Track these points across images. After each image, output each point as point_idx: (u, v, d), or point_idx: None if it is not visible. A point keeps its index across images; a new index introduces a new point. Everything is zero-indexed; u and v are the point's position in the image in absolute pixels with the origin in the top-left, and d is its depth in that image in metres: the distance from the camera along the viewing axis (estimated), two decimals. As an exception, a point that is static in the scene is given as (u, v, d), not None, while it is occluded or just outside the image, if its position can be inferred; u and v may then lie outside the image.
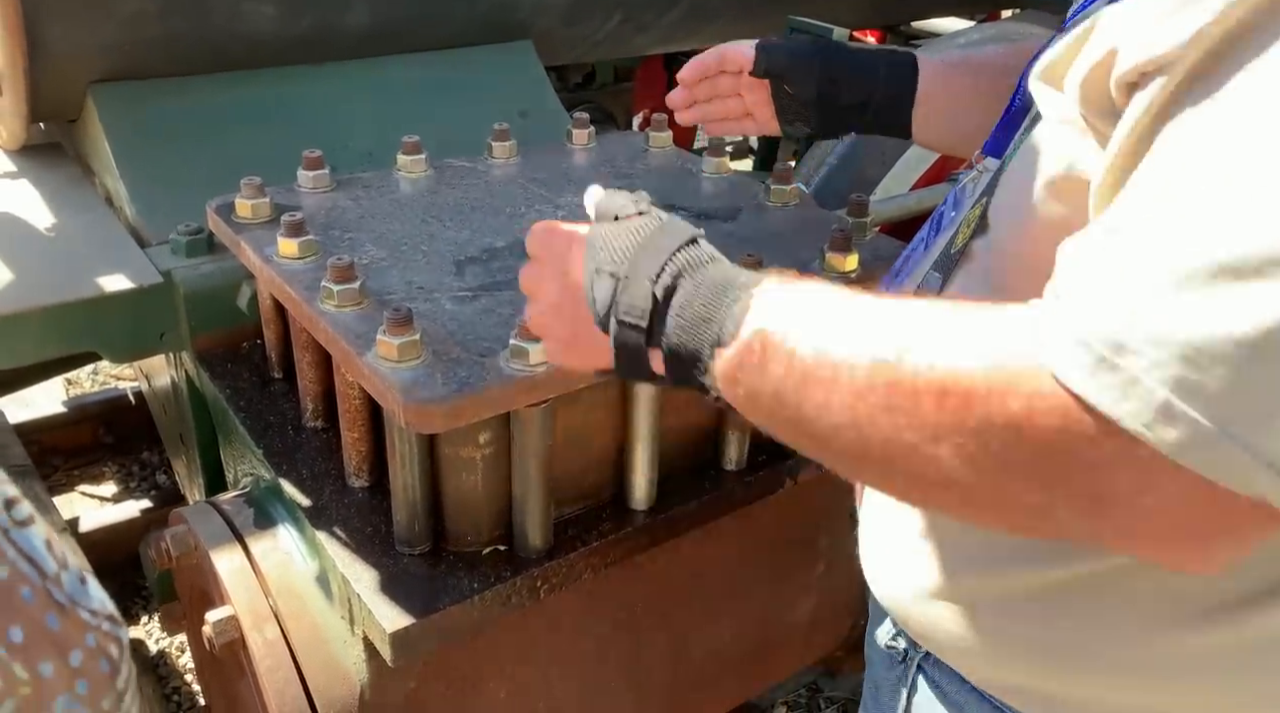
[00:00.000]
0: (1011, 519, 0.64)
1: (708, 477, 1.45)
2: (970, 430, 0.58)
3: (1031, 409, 0.56)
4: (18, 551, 0.48)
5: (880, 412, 0.62)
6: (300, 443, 1.46)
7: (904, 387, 0.61)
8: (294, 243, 1.33)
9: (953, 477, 0.60)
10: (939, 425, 0.60)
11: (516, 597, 1.25)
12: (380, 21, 1.98)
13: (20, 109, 1.73)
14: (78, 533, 2.49)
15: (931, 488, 0.64)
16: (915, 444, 0.61)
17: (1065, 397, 0.55)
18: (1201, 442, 0.52)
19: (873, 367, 0.63)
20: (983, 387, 0.58)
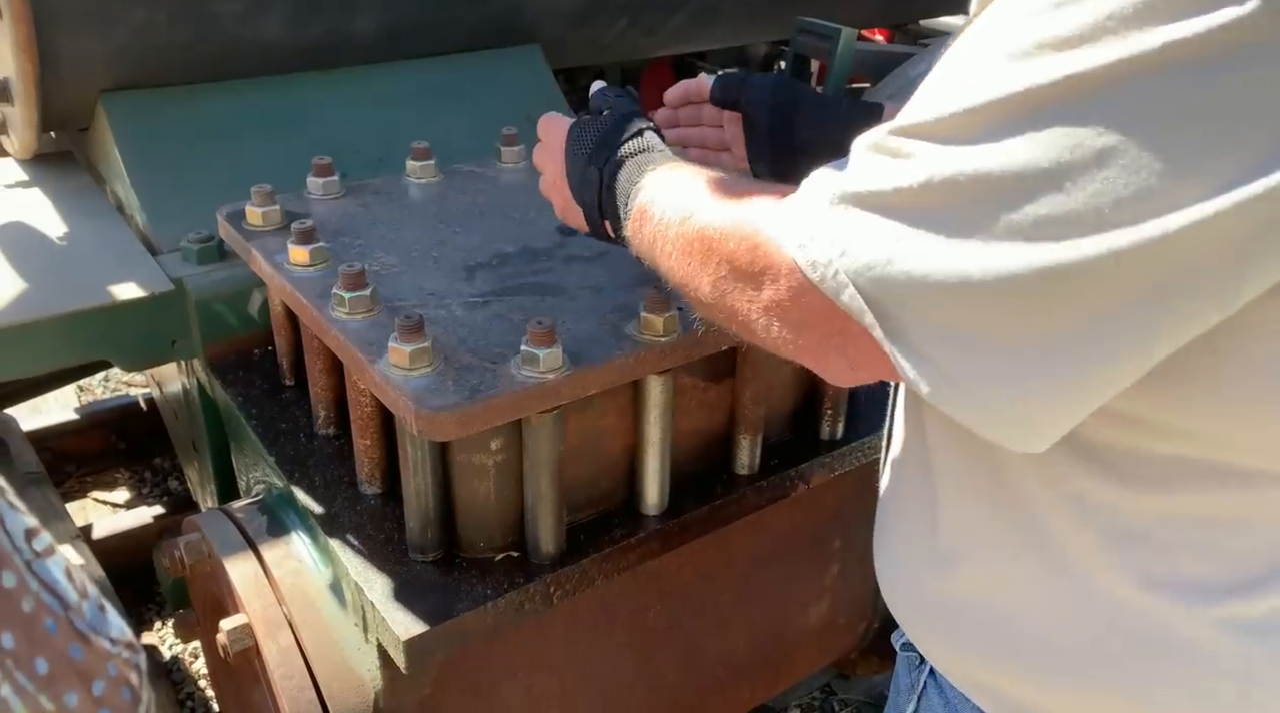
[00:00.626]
0: (738, 327, 0.84)
1: (720, 481, 1.44)
2: (712, 264, 0.83)
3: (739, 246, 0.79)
4: (40, 582, 0.49)
5: (681, 256, 0.89)
6: (312, 450, 1.46)
7: (686, 237, 0.88)
8: (305, 251, 1.33)
9: (705, 300, 0.86)
10: (702, 263, 0.85)
11: (530, 603, 1.25)
12: (388, 28, 1.98)
13: (31, 118, 1.74)
14: (90, 540, 2.50)
15: (702, 310, 0.89)
16: (691, 276, 0.87)
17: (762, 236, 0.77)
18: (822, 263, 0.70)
19: (679, 225, 0.90)
20: (721, 233, 0.82)
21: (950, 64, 0.68)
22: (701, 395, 1.39)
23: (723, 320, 0.86)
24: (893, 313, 0.68)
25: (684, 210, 0.89)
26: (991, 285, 0.62)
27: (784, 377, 1.48)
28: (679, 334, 1.24)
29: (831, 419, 1.53)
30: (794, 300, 0.74)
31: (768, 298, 0.76)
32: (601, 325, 1.26)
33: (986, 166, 0.61)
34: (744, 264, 0.78)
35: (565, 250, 1.46)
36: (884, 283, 0.67)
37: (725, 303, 0.82)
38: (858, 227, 0.69)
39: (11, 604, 0.47)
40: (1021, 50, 0.60)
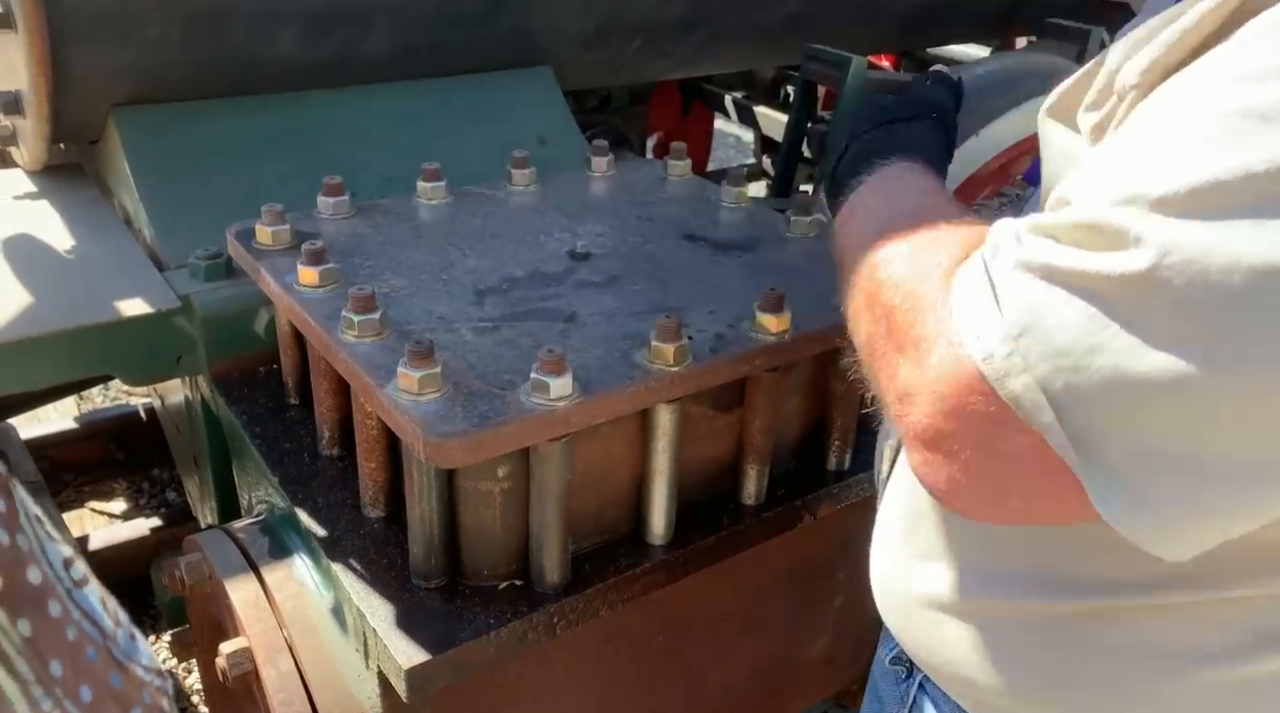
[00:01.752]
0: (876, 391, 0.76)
1: (726, 511, 1.43)
2: (874, 313, 0.74)
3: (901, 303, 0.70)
4: (80, 611, 0.51)
5: (850, 283, 0.82)
6: (316, 471, 1.45)
7: (861, 270, 0.79)
8: (314, 271, 1.33)
9: (861, 344, 0.78)
10: (864, 306, 0.77)
11: (533, 633, 1.24)
12: (401, 47, 1.99)
13: (42, 131, 1.74)
14: (87, 551, 2.48)
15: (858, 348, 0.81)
16: (854, 315, 0.80)
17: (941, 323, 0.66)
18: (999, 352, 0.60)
19: (859, 251, 0.81)
20: (890, 283, 0.73)
21: (1153, 129, 0.60)
22: (710, 425, 1.38)
23: (870, 373, 0.76)
24: (1083, 413, 0.58)
25: (868, 239, 0.80)
26: (1222, 388, 0.54)
27: (792, 407, 1.47)
28: (689, 363, 1.23)
29: (839, 450, 1.52)
30: (943, 388, 0.63)
31: (910, 374, 0.65)
32: (611, 353, 1.25)
33: (1248, 247, 0.53)
34: (899, 327, 0.68)
35: (575, 275, 1.45)
36: (1077, 374, 0.57)
37: (872, 360, 0.73)
38: (1048, 305, 0.58)
39: (58, 633, 0.49)
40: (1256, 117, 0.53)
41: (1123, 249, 0.56)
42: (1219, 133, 0.54)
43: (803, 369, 1.45)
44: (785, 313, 1.30)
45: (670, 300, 1.39)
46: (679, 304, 1.37)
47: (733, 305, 1.36)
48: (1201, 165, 0.54)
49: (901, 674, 1.03)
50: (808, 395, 1.48)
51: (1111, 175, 0.59)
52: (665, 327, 1.22)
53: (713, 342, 1.28)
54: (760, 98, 3.80)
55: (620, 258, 1.51)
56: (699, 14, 2.35)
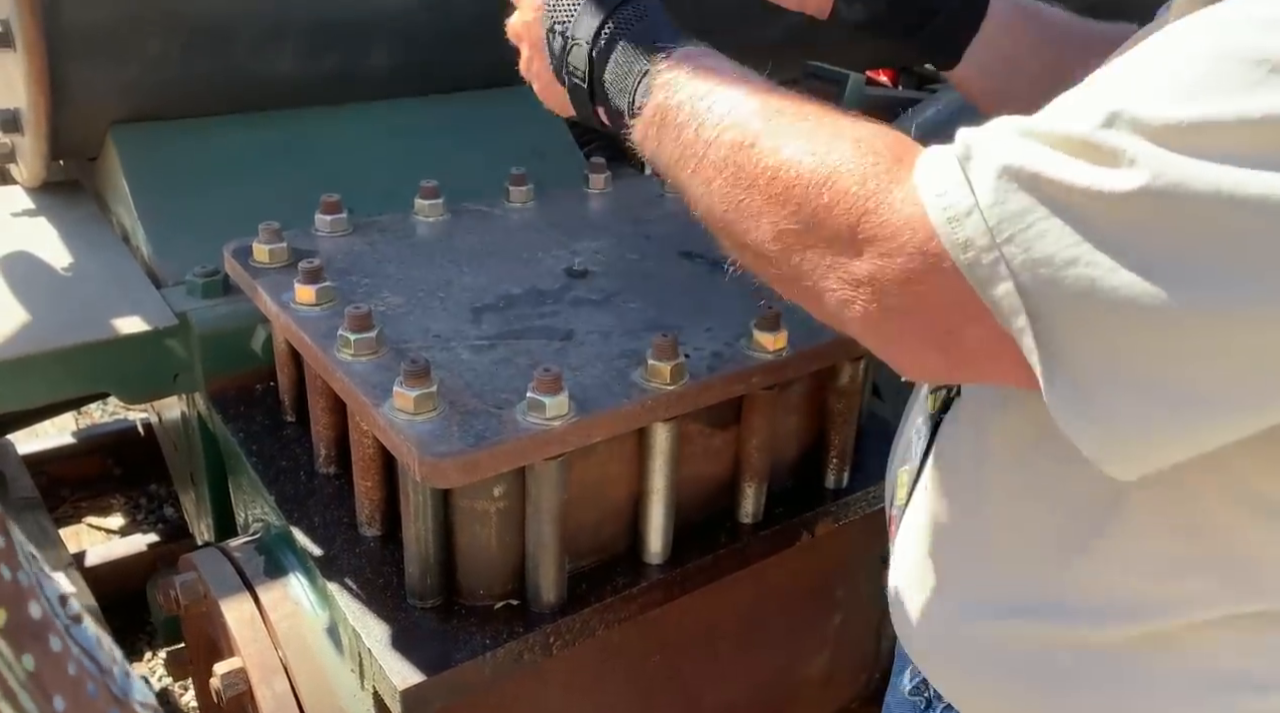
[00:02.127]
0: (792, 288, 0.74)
1: (723, 530, 1.43)
2: (785, 211, 0.70)
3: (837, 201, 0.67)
4: (80, 647, 0.51)
5: (729, 186, 0.75)
6: (312, 489, 1.45)
7: (744, 166, 0.73)
8: (311, 290, 1.33)
9: (758, 247, 0.74)
10: (766, 204, 0.72)
11: (529, 653, 1.23)
12: (400, 64, 1.99)
13: (41, 148, 1.74)
14: (84, 567, 2.47)
15: (748, 254, 0.77)
16: (743, 215, 0.74)
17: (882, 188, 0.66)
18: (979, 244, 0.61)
19: (731, 146, 0.75)
20: (804, 179, 0.69)
21: (1160, 59, 0.60)
22: (706, 443, 1.37)
23: (777, 276, 0.75)
24: (1054, 322, 0.60)
25: (740, 127, 0.75)
26: (1192, 321, 0.56)
27: (790, 425, 1.47)
28: (686, 381, 1.23)
29: (837, 468, 1.52)
30: (911, 280, 0.64)
31: (867, 269, 0.65)
32: (608, 371, 1.25)
33: (1236, 192, 0.54)
34: (841, 224, 0.66)
35: (572, 292, 1.45)
36: (1055, 285, 0.59)
37: (791, 260, 0.71)
38: (1035, 214, 0.59)
39: (60, 668, 0.49)
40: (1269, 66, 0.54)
41: (1114, 168, 0.57)
42: (1228, 74, 0.55)
43: (800, 387, 1.44)
44: (782, 331, 1.29)
45: (667, 318, 1.39)
46: (676, 322, 1.37)
47: (730, 323, 1.36)
48: (1206, 103, 0.55)
49: (920, 705, 1.01)
50: (805, 413, 1.48)
51: (1114, 94, 0.60)
52: (662, 345, 1.22)
53: (710, 360, 1.28)
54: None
55: (618, 275, 1.51)
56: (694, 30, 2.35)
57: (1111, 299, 0.58)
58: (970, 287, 0.62)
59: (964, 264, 0.62)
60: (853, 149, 0.69)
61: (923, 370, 0.72)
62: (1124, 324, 0.58)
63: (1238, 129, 0.55)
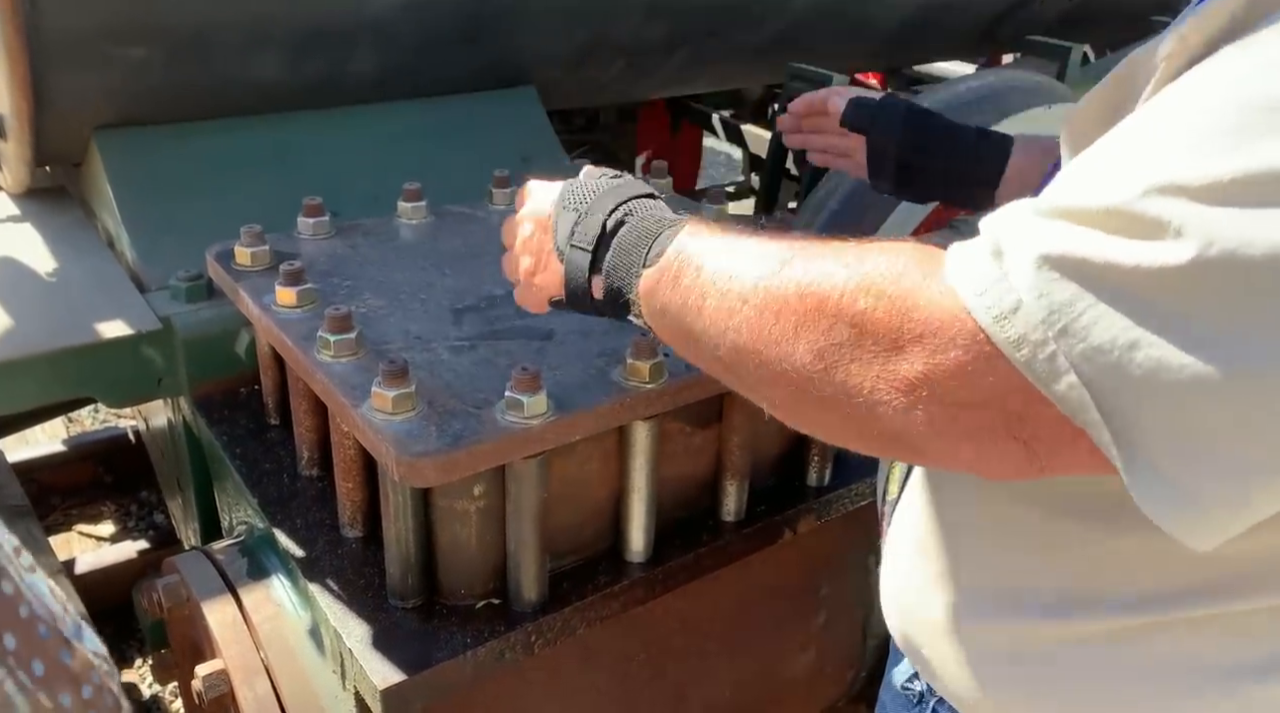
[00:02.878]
0: (843, 412, 0.69)
1: (705, 528, 1.43)
2: (820, 327, 0.68)
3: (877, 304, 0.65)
4: (33, 593, 0.53)
5: (754, 313, 0.72)
6: (295, 491, 1.45)
7: (771, 292, 0.71)
8: (292, 292, 1.33)
9: (798, 370, 0.69)
10: (800, 325, 0.69)
11: (510, 652, 1.24)
12: (384, 68, 2.00)
13: (25, 154, 1.74)
14: (74, 575, 2.47)
15: (784, 389, 0.72)
16: (775, 341, 0.70)
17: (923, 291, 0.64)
18: (1032, 341, 0.59)
19: (756, 277, 0.73)
20: (839, 289, 0.67)
21: (1180, 117, 0.58)
22: (688, 441, 1.38)
23: (821, 403, 0.70)
24: (1124, 410, 0.58)
25: (764, 258, 0.73)
26: (1261, 388, 0.55)
27: (771, 423, 1.47)
28: (665, 380, 1.23)
29: (819, 466, 1.52)
30: (969, 372, 0.61)
31: (920, 369, 0.63)
32: (587, 370, 1.25)
33: None
34: (884, 327, 0.64)
35: (554, 294, 1.45)
36: (1119, 373, 0.57)
37: (835, 378, 0.67)
38: (1084, 302, 0.57)
39: (11, 609, 0.51)
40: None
41: (1159, 239, 0.55)
42: (1261, 124, 0.54)
43: (781, 385, 1.45)
44: (761, 329, 1.30)
45: (648, 318, 1.39)
46: (656, 321, 1.37)
47: (710, 322, 1.36)
48: (1243, 155, 0.53)
49: (913, 698, 1.02)
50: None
51: (1142, 159, 0.58)
52: (641, 344, 1.22)
53: (689, 359, 1.28)
54: (748, 116, 3.83)
55: (599, 276, 1.51)
56: (682, 34, 2.37)
57: (1179, 378, 0.55)
58: (1029, 381, 0.60)
59: (1021, 363, 0.59)
60: (881, 255, 0.67)
61: (1003, 463, 0.66)
62: (1196, 402, 0.56)
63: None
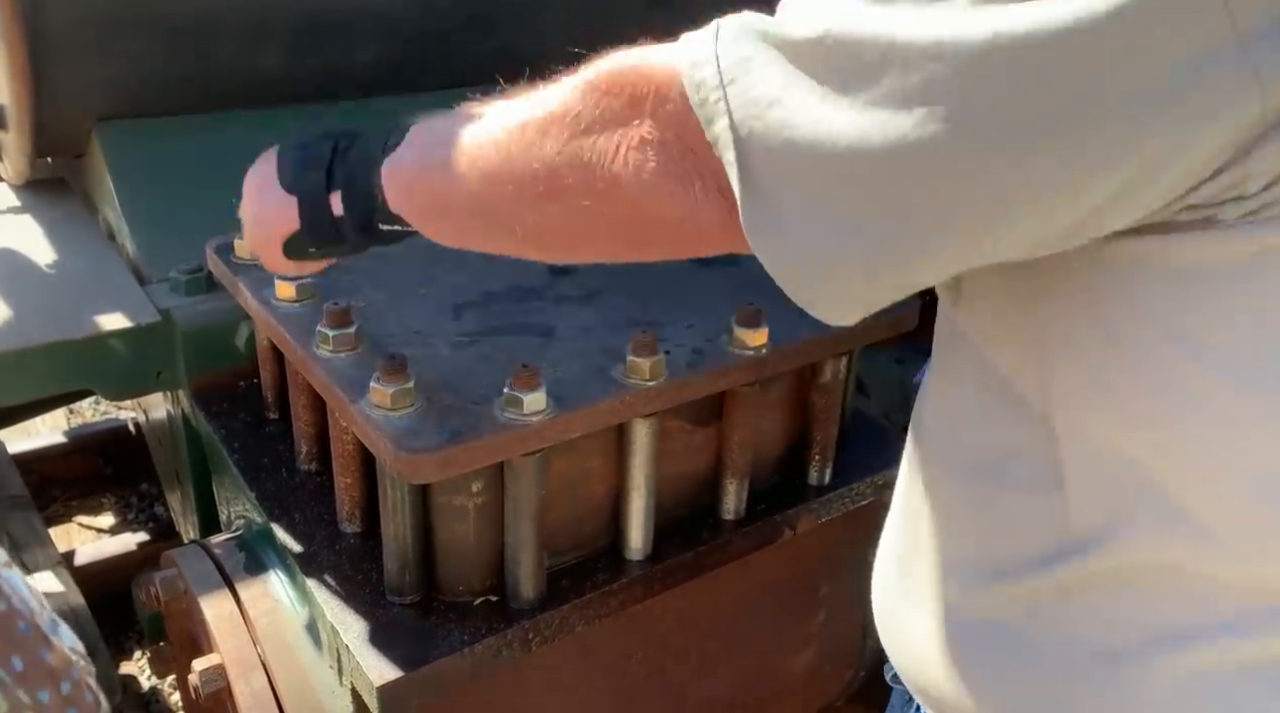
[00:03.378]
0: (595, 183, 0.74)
1: (705, 526, 1.42)
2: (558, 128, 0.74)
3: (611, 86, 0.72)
4: (10, 588, 0.53)
5: (500, 149, 0.78)
6: (294, 486, 1.44)
7: (520, 113, 0.78)
8: (291, 286, 1.32)
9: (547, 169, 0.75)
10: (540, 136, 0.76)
11: (508, 649, 1.23)
12: (387, 62, 1.99)
13: (25, 146, 1.74)
14: (73, 566, 2.47)
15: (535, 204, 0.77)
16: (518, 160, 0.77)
17: None
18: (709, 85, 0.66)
19: (499, 114, 0.80)
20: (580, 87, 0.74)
21: None
22: (688, 440, 1.37)
23: (571, 191, 0.75)
24: (754, 155, 0.66)
25: (506, 106, 0.81)
26: (855, 153, 0.61)
27: (772, 422, 1.47)
28: (666, 378, 1.22)
29: (820, 465, 1.51)
30: (670, 123, 0.69)
31: (645, 129, 0.71)
32: (588, 367, 1.25)
33: (881, 31, 0.60)
34: (617, 102, 0.72)
35: (555, 289, 1.45)
36: (760, 122, 0.65)
37: (581, 158, 0.74)
38: (756, 61, 0.66)
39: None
40: None
41: (809, 23, 0.63)
42: None
43: (782, 383, 1.44)
44: (763, 327, 1.29)
45: (650, 315, 1.39)
46: (658, 318, 1.37)
47: (712, 319, 1.36)
48: None
49: (905, 694, 1.02)
50: (787, 410, 1.48)
51: None
52: (641, 341, 1.22)
53: (690, 356, 1.28)
54: None
55: (601, 272, 1.51)
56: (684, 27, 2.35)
57: (804, 137, 0.63)
58: (704, 133, 0.67)
59: (696, 104, 0.67)
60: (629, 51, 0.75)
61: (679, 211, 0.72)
62: (814, 163, 0.63)
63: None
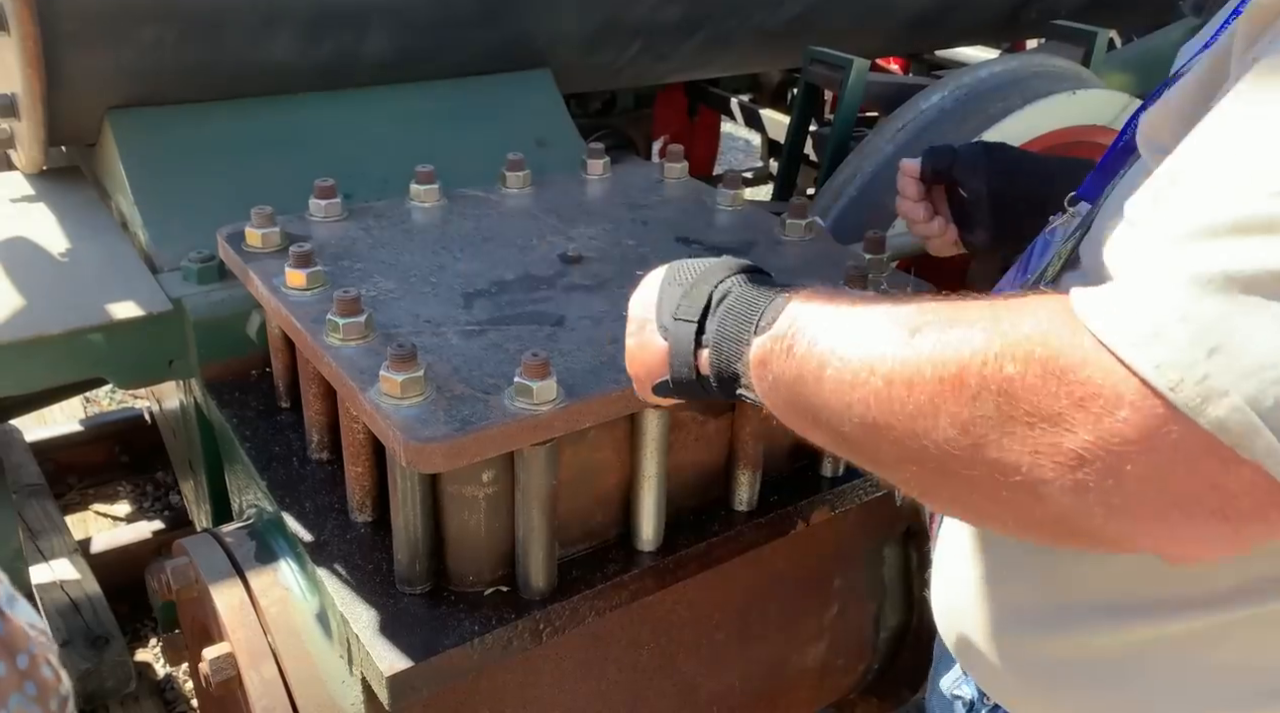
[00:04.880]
0: (996, 494, 0.60)
1: (717, 517, 1.41)
2: (964, 398, 0.59)
3: (1027, 369, 0.56)
4: None
5: (883, 384, 0.64)
6: (305, 475, 1.44)
7: (910, 361, 0.63)
8: (302, 274, 1.32)
9: (941, 448, 0.60)
10: (937, 396, 0.60)
11: (518, 640, 1.23)
12: (398, 49, 1.98)
13: (38, 134, 1.74)
14: (89, 554, 2.49)
15: (925, 467, 0.63)
16: (909, 415, 0.62)
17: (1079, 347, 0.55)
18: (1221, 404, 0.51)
19: (885, 344, 0.65)
20: (980, 355, 0.59)
21: None
22: (700, 430, 1.36)
23: (971, 483, 0.61)
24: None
25: (889, 329, 0.66)
26: None
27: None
28: (677, 368, 1.21)
29: (834, 456, 1.50)
30: (1143, 435, 0.53)
31: (1084, 441, 0.54)
32: (599, 356, 1.24)
33: None
34: (1036, 394, 0.56)
35: (566, 278, 1.44)
36: None
37: (984, 455, 0.58)
38: (1236, 317, 0.51)
39: None
40: None
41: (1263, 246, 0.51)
42: None
43: (795, 374, 1.43)
44: (776, 317, 1.28)
45: (661, 304, 1.37)
46: (669, 308, 1.36)
47: (724, 309, 1.34)
48: None
49: (964, 705, 1.01)
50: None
51: (1257, 162, 0.53)
52: (653, 330, 1.20)
53: (702, 346, 1.26)
54: (767, 101, 3.79)
55: (612, 261, 1.50)
56: (699, 17, 2.33)
57: None
58: (1201, 425, 0.52)
59: (1182, 403, 0.52)
60: (1018, 313, 0.60)
61: (1204, 544, 0.57)
62: None
63: None
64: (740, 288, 0.83)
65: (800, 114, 2.55)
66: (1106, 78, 2.47)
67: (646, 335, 0.90)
